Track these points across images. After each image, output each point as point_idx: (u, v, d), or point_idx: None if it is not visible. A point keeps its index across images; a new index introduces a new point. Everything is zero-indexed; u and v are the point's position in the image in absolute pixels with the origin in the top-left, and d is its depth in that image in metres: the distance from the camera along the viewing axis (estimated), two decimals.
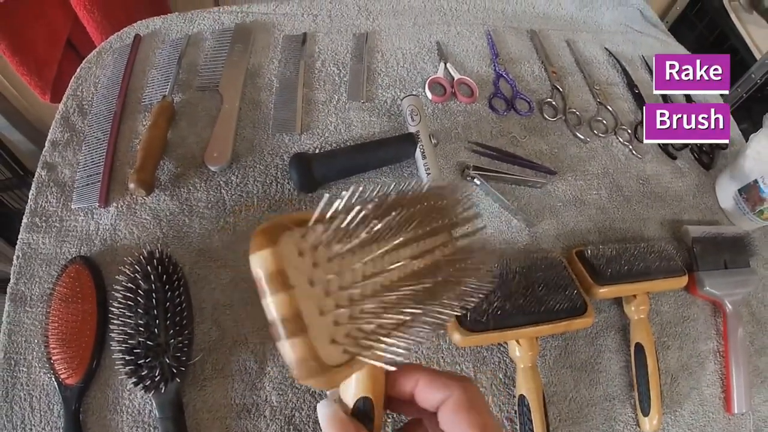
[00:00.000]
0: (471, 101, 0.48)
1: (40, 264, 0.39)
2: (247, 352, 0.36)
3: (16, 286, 0.38)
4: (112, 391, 0.35)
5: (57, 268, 0.39)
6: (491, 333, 0.35)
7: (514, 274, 0.37)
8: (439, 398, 0.19)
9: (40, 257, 0.40)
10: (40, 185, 0.44)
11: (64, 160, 0.45)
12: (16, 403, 0.34)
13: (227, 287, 0.38)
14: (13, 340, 0.36)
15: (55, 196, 0.43)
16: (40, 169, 0.45)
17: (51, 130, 0.48)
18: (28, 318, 0.37)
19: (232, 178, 0.43)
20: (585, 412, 0.38)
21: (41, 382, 0.35)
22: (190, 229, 0.41)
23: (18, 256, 0.40)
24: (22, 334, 0.36)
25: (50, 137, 0.47)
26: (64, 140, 0.47)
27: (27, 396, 0.34)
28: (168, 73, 0.50)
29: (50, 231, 0.41)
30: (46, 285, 0.38)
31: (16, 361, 0.35)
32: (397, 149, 0.40)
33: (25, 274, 0.39)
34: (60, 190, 0.43)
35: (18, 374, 0.35)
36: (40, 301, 0.38)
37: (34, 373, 0.35)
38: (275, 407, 0.35)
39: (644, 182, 0.48)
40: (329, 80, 0.48)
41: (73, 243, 0.41)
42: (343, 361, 0.16)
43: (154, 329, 0.33)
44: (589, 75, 0.54)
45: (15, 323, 0.37)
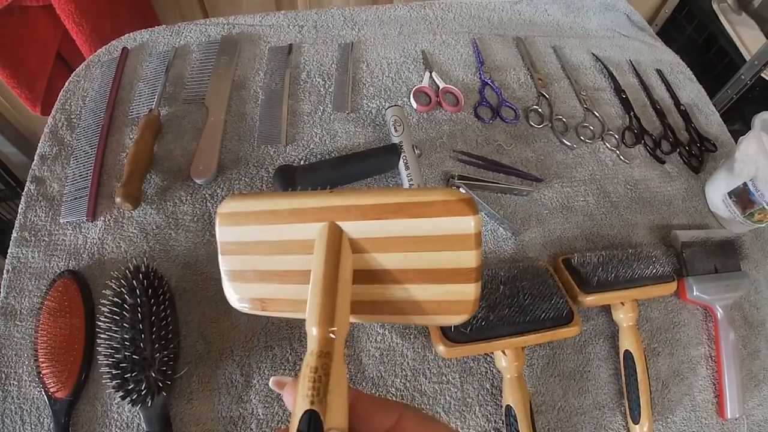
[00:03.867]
0: (456, 110, 0.48)
1: (29, 278, 0.40)
2: (233, 365, 0.36)
3: (6, 300, 0.39)
4: (101, 404, 0.35)
5: (46, 282, 0.39)
6: (476, 344, 0.35)
7: (498, 284, 0.36)
8: (388, 422, 0.18)
9: (29, 271, 0.40)
10: (29, 199, 0.44)
11: (52, 173, 0.46)
12: (7, 416, 0.34)
13: (213, 300, 0.38)
14: (3, 354, 0.36)
15: (44, 210, 0.43)
16: (29, 183, 0.45)
17: (40, 143, 0.48)
18: (18, 332, 0.37)
19: (217, 191, 0.43)
20: (574, 422, 0.38)
21: (31, 395, 0.35)
22: (176, 242, 0.41)
23: (8, 270, 0.40)
24: (12, 347, 0.37)
25: (39, 151, 0.47)
26: (53, 154, 0.47)
27: (18, 410, 0.35)
28: (155, 85, 0.50)
29: (39, 245, 0.42)
30: (35, 299, 0.39)
31: (7, 375, 0.36)
32: (381, 160, 0.40)
33: (15, 288, 0.39)
34: (48, 204, 0.44)
35: (9, 388, 0.35)
36: (30, 315, 0.38)
37: (25, 386, 0.35)
38: (261, 420, 0.35)
39: (632, 187, 0.48)
40: (314, 91, 0.48)
41: (61, 257, 0.41)
42: None
43: (140, 343, 0.33)
44: (575, 81, 0.54)
45: (5, 337, 0.37)
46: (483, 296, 0.36)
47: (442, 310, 0.19)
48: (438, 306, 0.19)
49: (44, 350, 0.35)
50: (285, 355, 0.36)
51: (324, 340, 0.17)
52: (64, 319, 0.37)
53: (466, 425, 0.36)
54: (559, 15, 0.60)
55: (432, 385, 0.36)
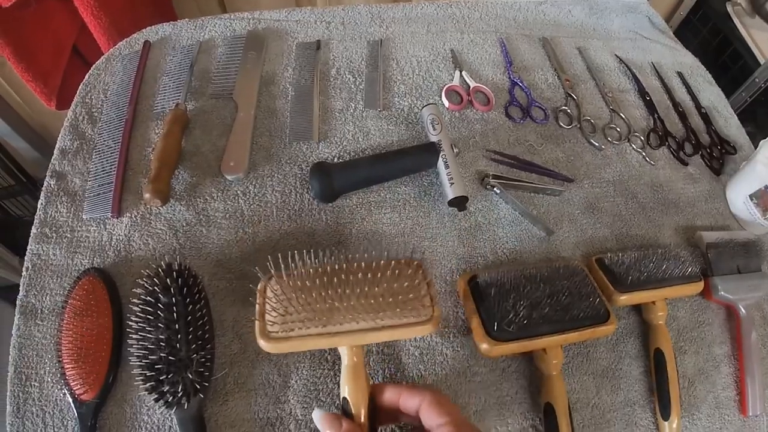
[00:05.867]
0: (487, 109, 0.48)
1: (50, 276, 0.39)
2: (270, 365, 0.36)
3: (26, 299, 0.38)
4: (130, 406, 0.34)
5: (69, 280, 0.38)
6: (519, 342, 0.35)
7: (539, 283, 0.37)
8: (416, 402, 0.28)
9: (50, 269, 0.39)
10: (50, 195, 0.43)
11: (74, 168, 0.45)
12: (28, 419, 0.33)
13: (248, 299, 0.37)
14: (24, 354, 0.35)
15: (66, 206, 0.42)
16: (49, 178, 0.44)
17: (60, 137, 0.47)
18: (39, 332, 0.36)
19: (249, 188, 0.42)
20: (607, 418, 0.38)
21: (54, 397, 0.34)
22: (208, 239, 0.40)
23: (27, 268, 0.39)
24: (34, 348, 0.36)
25: (59, 145, 0.46)
26: (74, 148, 0.46)
27: (39, 412, 0.34)
28: (180, 80, 0.49)
29: (61, 242, 0.41)
30: (57, 297, 0.38)
31: (27, 376, 0.35)
32: (419, 159, 0.40)
33: (35, 286, 0.38)
34: (70, 199, 0.43)
35: (29, 389, 0.34)
36: (52, 314, 0.37)
37: (47, 388, 0.34)
38: (300, 420, 0.34)
39: (658, 189, 0.49)
40: (345, 88, 0.48)
41: (85, 254, 0.40)
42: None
43: (176, 344, 0.32)
44: (601, 82, 0.54)
45: (25, 337, 0.36)
46: (525, 294, 0.36)
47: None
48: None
49: (69, 351, 0.34)
50: (323, 355, 0.36)
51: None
52: (90, 318, 0.36)
53: (504, 423, 0.36)
54: (582, 16, 0.60)
55: (470, 384, 0.36)
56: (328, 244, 0.39)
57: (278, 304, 0.31)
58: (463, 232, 0.41)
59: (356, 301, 0.30)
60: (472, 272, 0.39)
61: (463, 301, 0.38)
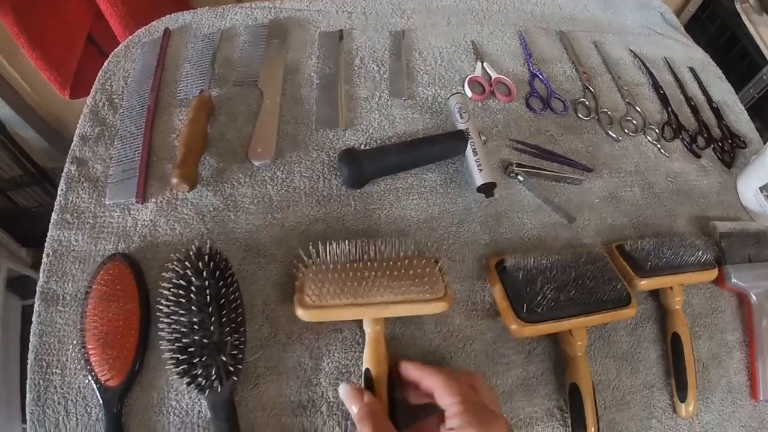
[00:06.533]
0: (509, 100, 0.49)
1: (72, 261, 0.38)
2: (301, 348, 0.36)
3: (47, 285, 0.37)
4: (157, 392, 0.34)
5: (92, 265, 0.38)
6: (547, 324, 0.36)
7: (566, 267, 0.38)
8: (433, 383, 0.30)
9: (72, 254, 0.39)
10: (70, 180, 0.43)
11: (95, 154, 0.44)
12: (49, 407, 0.33)
13: (278, 283, 0.38)
14: (45, 341, 0.35)
15: (87, 191, 0.42)
16: (69, 164, 0.44)
17: (80, 124, 0.47)
18: (61, 318, 0.36)
19: (277, 174, 0.43)
20: (627, 400, 0.39)
21: (77, 384, 0.34)
22: (236, 224, 0.40)
23: (48, 254, 0.39)
24: (55, 335, 0.35)
25: (79, 131, 0.46)
26: (95, 134, 0.46)
27: (61, 399, 0.33)
28: (202, 67, 0.49)
29: (83, 227, 0.40)
30: (80, 283, 0.37)
31: (49, 363, 0.34)
32: (448, 146, 0.40)
33: (57, 272, 0.38)
34: (92, 185, 0.43)
35: (51, 377, 0.34)
36: (74, 301, 0.36)
37: (69, 375, 0.34)
38: (332, 403, 0.34)
39: (673, 180, 0.50)
40: (369, 77, 0.49)
41: (109, 239, 0.40)
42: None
43: (210, 327, 0.32)
44: (617, 76, 0.55)
45: (46, 323, 0.35)
46: (552, 278, 0.37)
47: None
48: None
49: (94, 336, 0.34)
50: (355, 338, 0.36)
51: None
52: (116, 303, 0.35)
53: (530, 404, 0.37)
54: (597, 11, 0.61)
55: (498, 366, 0.37)
56: (357, 229, 0.40)
57: (315, 280, 0.33)
58: (488, 219, 0.42)
59: (381, 279, 0.34)
60: (499, 256, 0.39)
61: (492, 283, 0.39)
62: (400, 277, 0.34)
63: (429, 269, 0.35)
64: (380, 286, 0.34)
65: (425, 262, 0.35)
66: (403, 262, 0.34)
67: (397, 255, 0.35)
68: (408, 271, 0.34)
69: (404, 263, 0.34)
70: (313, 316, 0.34)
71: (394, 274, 0.34)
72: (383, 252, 0.35)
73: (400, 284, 0.34)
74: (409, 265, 0.34)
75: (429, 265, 0.35)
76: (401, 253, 0.35)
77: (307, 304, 0.33)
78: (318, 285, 0.33)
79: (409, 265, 0.34)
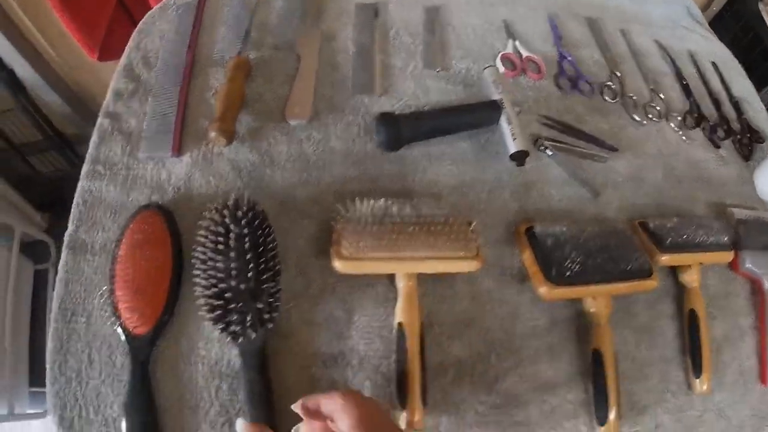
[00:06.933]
0: (539, 78, 0.50)
1: (104, 212, 0.39)
2: (334, 301, 0.36)
3: (76, 234, 0.37)
4: (187, 340, 0.34)
5: (124, 216, 0.38)
6: (574, 288, 0.37)
7: (593, 235, 0.39)
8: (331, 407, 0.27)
9: (103, 205, 0.39)
10: (103, 134, 0.43)
11: (129, 109, 0.45)
12: (72, 354, 0.33)
13: (313, 238, 0.38)
14: (71, 290, 0.35)
15: (120, 145, 0.43)
16: (102, 118, 0.44)
17: (114, 80, 0.48)
18: (89, 267, 0.36)
19: (313, 134, 0.43)
20: (644, 372, 0.40)
21: (102, 333, 0.33)
22: (272, 180, 0.41)
23: (78, 204, 0.39)
24: (81, 283, 0.35)
25: (113, 87, 0.46)
26: (129, 90, 0.46)
27: (85, 347, 0.33)
28: (239, 30, 0.50)
29: (115, 179, 0.41)
30: (110, 233, 0.37)
31: (74, 312, 0.34)
32: (483, 115, 0.41)
33: (86, 222, 0.38)
34: (125, 138, 0.43)
35: (75, 325, 0.34)
36: (103, 250, 0.37)
37: (94, 323, 0.34)
38: (363, 356, 0.35)
39: (693, 166, 0.51)
40: (404, 48, 0.50)
41: (142, 191, 0.40)
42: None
43: (247, 273, 0.32)
44: (642, 64, 0.56)
45: (73, 272, 0.35)
46: (579, 245, 0.38)
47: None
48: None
49: (125, 284, 0.34)
50: (386, 293, 0.37)
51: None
52: (149, 251, 0.35)
53: (554, 368, 0.38)
54: (625, 1, 0.63)
55: (524, 328, 0.38)
56: (391, 191, 0.41)
57: (353, 233, 0.34)
58: (518, 188, 0.43)
59: (417, 235, 0.34)
60: (529, 223, 0.40)
61: (521, 248, 0.40)
62: (436, 234, 0.35)
63: (463, 229, 0.36)
64: (416, 241, 0.34)
65: (459, 223, 0.36)
66: (439, 221, 0.35)
67: (433, 214, 0.36)
68: (443, 230, 0.35)
69: (439, 222, 0.35)
70: (350, 268, 0.34)
71: (429, 231, 0.35)
72: (419, 210, 0.36)
73: (435, 241, 0.35)
74: (444, 223, 0.35)
75: (463, 225, 0.36)
76: (436, 212, 0.36)
77: (345, 256, 0.34)
78: (355, 238, 0.34)
79: (444, 223, 0.35)
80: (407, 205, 0.36)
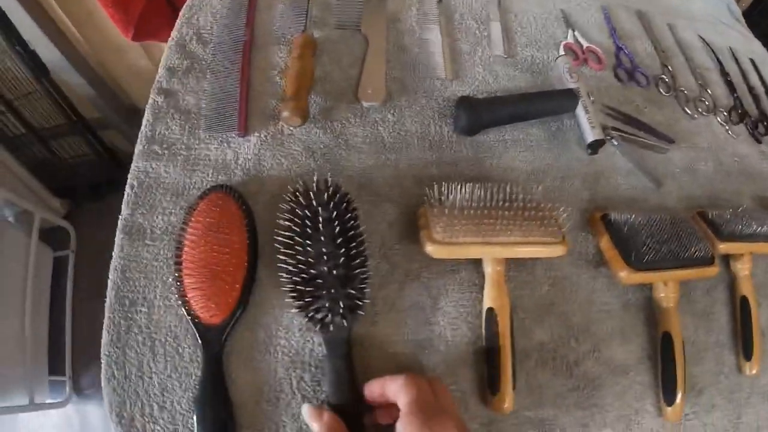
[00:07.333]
0: (600, 69, 0.51)
1: (163, 194, 0.37)
2: (420, 287, 0.36)
3: (132, 218, 0.35)
4: (264, 330, 0.32)
5: (186, 197, 0.37)
6: (652, 273, 0.38)
7: (667, 223, 0.40)
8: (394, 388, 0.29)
9: (162, 186, 0.37)
10: (157, 112, 0.41)
11: (185, 87, 0.43)
12: (131, 348, 0.31)
13: (394, 223, 0.38)
14: (129, 278, 0.33)
15: (178, 123, 0.41)
16: (156, 96, 0.43)
17: (166, 56, 0.46)
18: (148, 252, 0.34)
19: (387, 116, 0.43)
20: (702, 356, 0.42)
21: (166, 323, 0.32)
22: (348, 162, 0.40)
23: (132, 186, 0.37)
24: (140, 270, 0.33)
25: (166, 63, 0.45)
26: (184, 67, 0.45)
27: (147, 340, 0.31)
28: (298, 8, 0.49)
29: (174, 159, 0.39)
30: (171, 216, 0.36)
31: (132, 301, 0.32)
32: (561, 102, 0.41)
33: (144, 205, 0.36)
34: (183, 117, 0.41)
35: (134, 316, 0.32)
36: (165, 234, 0.35)
37: (157, 313, 0.32)
38: (450, 342, 0.35)
39: (739, 160, 0.53)
40: (470, 33, 0.49)
41: (206, 172, 0.39)
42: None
43: (339, 258, 0.31)
44: (689, 58, 0.58)
45: (131, 258, 0.33)
46: (653, 232, 0.39)
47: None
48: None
49: (195, 270, 0.31)
50: (471, 278, 0.37)
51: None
52: (222, 235, 0.33)
53: (625, 351, 0.39)
54: None
55: (599, 313, 0.39)
56: (470, 175, 0.41)
57: (443, 218, 0.34)
58: (588, 177, 0.44)
59: (508, 220, 0.34)
60: (603, 211, 0.41)
61: (599, 234, 0.41)
62: (526, 218, 0.35)
63: (551, 214, 0.36)
64: (507, 226, 0.35)
65: (549, 208, 0.36)
66: (530, 206, 0.35)
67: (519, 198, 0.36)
68: (533, 215, 0.35)
69: (530, 207, 0.35)
70: (442, 253, 0.34)
71: (520, 216, 0.35)
72: (508, 194, 0.36)
73: (525, 225, 0.35)
74: (534, 208, 0.35)
75: (552, 210, 0.36)
76: (523, 196, 0.36)
77: (438, 240, 0.34)
78: (448, 222, 0.34)
79: (534, 208, 0.35)
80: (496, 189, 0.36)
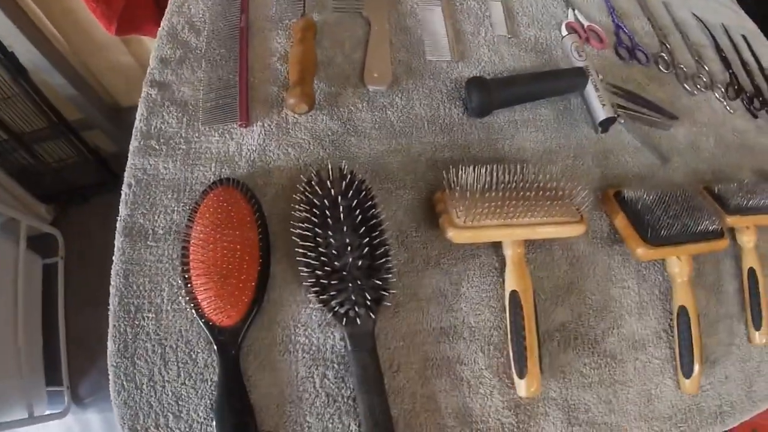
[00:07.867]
0: (602, 47, 0.50)
1: (163, 191, 0.35)
2: (440, 273, 0.35)
3: (132, 219, 0.33)
4: (281, 328, 0.31)
5: (190, 194, 0.35)
6: (667, 248, 0.38)
7: (677, 198, 0.40)
8: None
9: (162, 183, 0.35)
10: (152, 105, 0.39)
11: (179, 78, 0.41)
12: (140, 357, 0.29)
13: (410, 209, 0.37)
14: (132, 282, 0.31)
15: (175, 116, 0.39)
16: (149, 88, 0.40)
17: (157, 47, 0.43)
18: (151, 254, 0.32)
19: (396, 100, 0.41)
20: (714, 328, 0.43)
21: (177, 328, 0.30)
22: (359, 149, 0.39)
23: (130, 185, 0.35)
24: (144, 274, 0.31)
25: (158, 54, 0.42)
26: (176, 57, 0.42)
27: (156, 347, 0.29)
28: None
29: (173, 154, 0.37)
30: (174, 215, 0.34)
31: (138, 307, 0.30)
32: (571, 81, 0.41)
33: (143, 204, 0.34)
34: (180, 109, 0.39)
35: (141, 322, 0.30)
36: (168, 234, 0.33)
37: (166, 318, 0.30)
38: (474, 328, 0.34)
39: (737, 135, 0.54)
40: (472, 13, 0.48)
41: (208, 165, 0.37)
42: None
43: (363, 249, 0.29)
44: (686, 35, 0.58)
45: (134, 262, 0.31)
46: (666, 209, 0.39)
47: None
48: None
49: (204, 271, 0.30)
50: (491, 262, 0.37)
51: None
52: (231, 231, 0.31)
53: (643, 325, 0.39)
54: None
55: (617, 290, 0.39)
56: (483, 157, 0.40)
57: (462, 202, 0.33)
58: (598, 155, 0.44)
59: (528, 201, 0.34)
60: (616, 188, 0.41)
61: (613, 212, 0.40)
62: (545, 199, 0.35)
63: (567, 193, 0.36)
64: (528, 207, 0.34)
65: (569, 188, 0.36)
66: (545, 186, 0.35)
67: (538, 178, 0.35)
68: (554, 194, 0.35)
69: (549, 187, 0.35)
70: (464, 237, 0.34)
71: (539, 196, 0.34)
72: (525, 175, 0.35)
73: (545, 206, 0.34)
74: (552, 188, 0.35)
75: (571, 190, 0.36)
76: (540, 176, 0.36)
77: (459, 225, 0.33)
78: (468, 206, 0.33)
79: (552, 188, 0.35)
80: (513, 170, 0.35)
